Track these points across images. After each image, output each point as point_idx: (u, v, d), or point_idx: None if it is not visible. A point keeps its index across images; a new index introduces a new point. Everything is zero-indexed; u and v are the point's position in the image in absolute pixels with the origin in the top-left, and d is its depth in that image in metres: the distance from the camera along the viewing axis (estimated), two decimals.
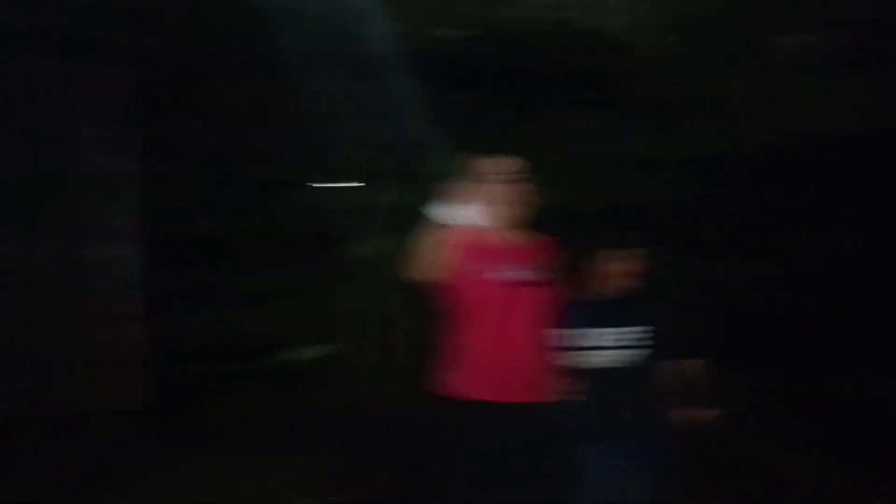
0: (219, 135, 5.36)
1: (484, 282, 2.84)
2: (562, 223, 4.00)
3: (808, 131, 2.67)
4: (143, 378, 4.55)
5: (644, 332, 2.96)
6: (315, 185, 5.15)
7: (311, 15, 4.24)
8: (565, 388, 3.02)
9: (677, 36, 3.08)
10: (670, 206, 5.00)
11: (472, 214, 2.96)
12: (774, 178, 5.40)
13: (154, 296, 4.74)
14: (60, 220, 4.58)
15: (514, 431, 2.89)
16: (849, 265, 5.85)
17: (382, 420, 4.50)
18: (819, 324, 5.81)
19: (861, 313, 5.82)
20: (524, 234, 2.95)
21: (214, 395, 5.34)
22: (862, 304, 5.85)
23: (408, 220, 4.26)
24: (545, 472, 3.02)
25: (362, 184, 4.88)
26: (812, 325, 5.79)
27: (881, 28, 3.67)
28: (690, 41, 3.39)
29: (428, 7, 3.75)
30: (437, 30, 3.73)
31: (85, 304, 4.57)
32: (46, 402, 4.50)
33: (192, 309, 5.32)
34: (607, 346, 2.97)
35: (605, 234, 3.03)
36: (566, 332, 2.99)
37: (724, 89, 3.22)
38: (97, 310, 4.54)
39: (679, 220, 5.25)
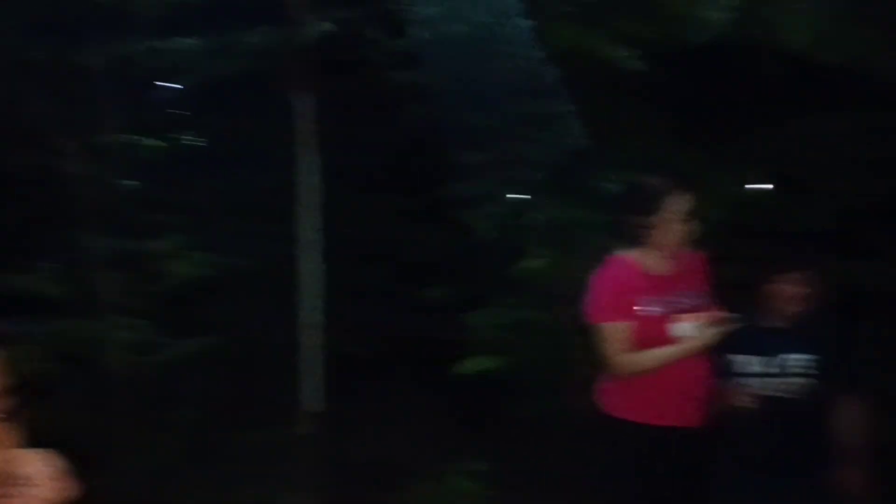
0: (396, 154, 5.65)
1: (647, 314, 2.85)
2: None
3: None
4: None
5: (813, 360, 2.85)
6: (496, 199, 5.31)
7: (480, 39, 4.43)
8: (729, 415, 2.98)
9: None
10: None
11: (641, 246, 2.95)
12: None
13: (336, 303, 5.09)
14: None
15: (674, 455, 2.89)
16: None
17: (551, 434, 4.57)
18: None
19: None
20: (685, 258, 2.94)
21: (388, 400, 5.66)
22: None
23: (579, 236, 4.37)
24: (702, 497, 3.00)
25: (528, 196, 4.97)
26: None
27: None
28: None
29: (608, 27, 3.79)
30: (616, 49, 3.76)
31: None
32: None
33: (371, 316, 5.64)
34: (773, 373, 2.88)
35: (781, 255, 2.95)
36: (732, 357, 2.94)
37: None
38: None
39: None
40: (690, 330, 2.78)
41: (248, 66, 4.68)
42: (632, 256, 2.93)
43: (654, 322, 2.82)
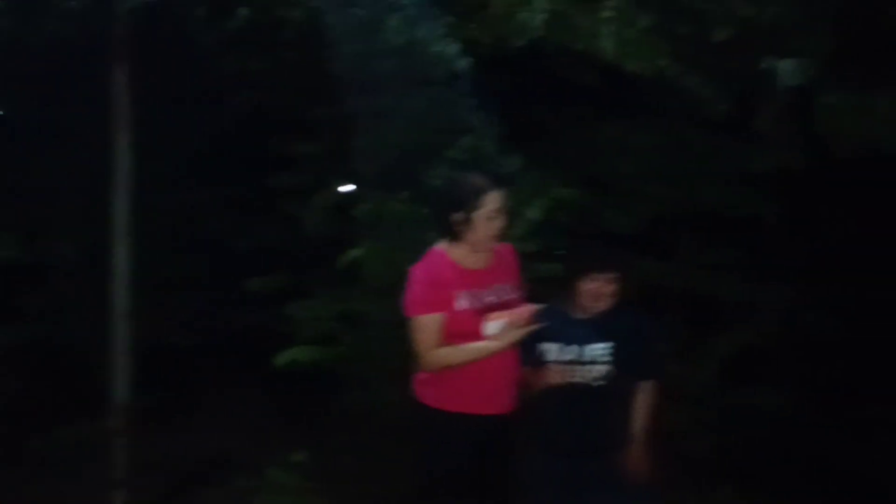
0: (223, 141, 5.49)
1: (460, 312, 2.93)
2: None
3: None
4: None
5: (616, 349, 3.05)
6: (330, 190, 5.27)
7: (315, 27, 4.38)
8: (536, 401, 3.13)
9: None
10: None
11: (456, 241, 3.01)
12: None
13: (155, 293, 4.88)
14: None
15: (485, 443, 3.00)
16: None
17: (374, 425, 4.61)
18: None
19: None
20: (498, 253, 3.03)
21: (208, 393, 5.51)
22: None
23: (404, 229, 4.42)
24: (512, 482, 3.13)
25: (356, 188, 4.97)
26: None
27: None
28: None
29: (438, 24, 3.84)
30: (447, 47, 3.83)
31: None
32: None
33: (191, 307, 5.47)
34: (577, 361, 3.06)
35: (590, 254, 3.12)
36: (541, 345, 3.09)
37: None
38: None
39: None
40: (499, 328, 2.90)
41: (60, 31, 4.35)
42: (447, 250, 3.01)
43: (466, 316, 2.91)
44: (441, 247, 3.03)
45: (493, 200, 2.90)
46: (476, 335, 2.92)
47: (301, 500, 4.50)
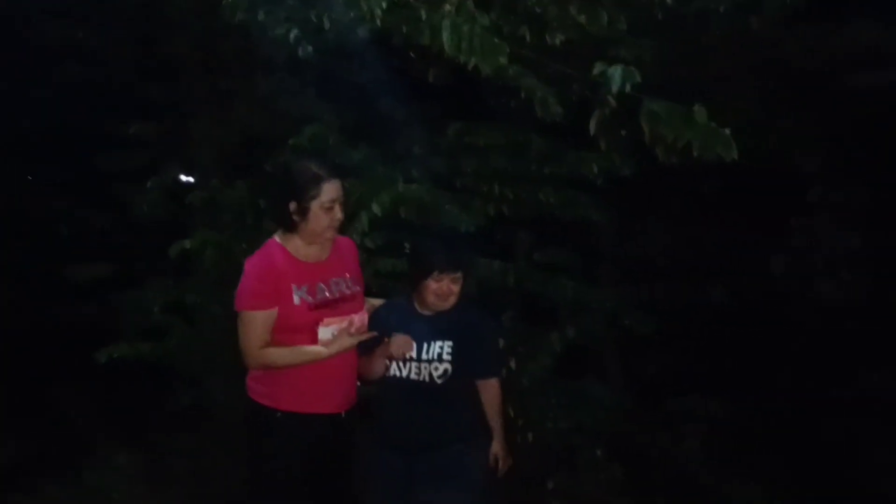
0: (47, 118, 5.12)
1: (297, 307, 2.86)
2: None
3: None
4: None
5: (457, 347, 3.09)
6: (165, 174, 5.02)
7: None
8: (374, 398, 3.13)
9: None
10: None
11: (293, 232, 2.94)
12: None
13: None
14: None
15: (320, 442, 2.95)
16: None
17: (207, 424, 4.45)
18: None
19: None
20: (337, 246, 3.00)
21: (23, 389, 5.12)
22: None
23: (243, 219, 4.29)
24: (348, 483, 3.11)
25: (193, 175, 4.79)
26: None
27: None
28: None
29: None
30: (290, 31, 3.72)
31: None
32: None
33: (8, 297, 5.07)
34: (418, 358, 3.08)
35: (441, 253, 3.12)
36: (379, 341, 3.09)
37: None
38: None
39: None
40: (331, 335, 2.86)
41: None
42: (284, 242, 2.92)
43: (302, 311, 2.85)
44: (277, 238, 2.94)
45: (329, 190, 2.83)
46: (311, 331, 2.85)
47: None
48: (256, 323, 2.81)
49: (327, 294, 2.90)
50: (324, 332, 2.84)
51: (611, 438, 4.89)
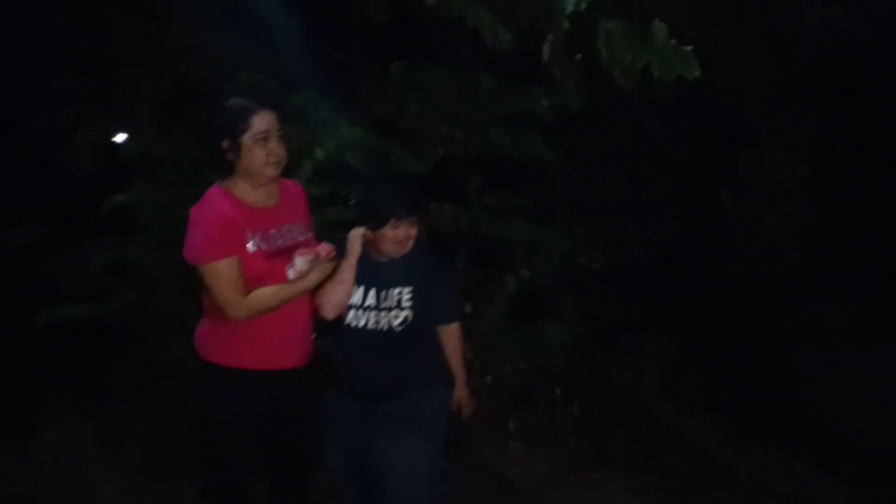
0: None
1: (252, 255, 2.70)
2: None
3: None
4: None
5: (415, 293, 3.01)
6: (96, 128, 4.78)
7: None
8: (333, 347, 3.04)
9: None
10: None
11: (235, 176, 2.77)
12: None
13: None
14: None
15: (280, 399, 2.85)
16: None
17: (157, 386, 4.33)
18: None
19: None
20: (275, 186, 2.83)
21: None
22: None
23: (182, 171, 4.12)
24: (312, 434, 3.02)
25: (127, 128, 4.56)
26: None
27: None
28: None
29: None
30: None
31: None
32: None
33: None
34: (377, 306, 3.00)
35: (398, 199, 3.01)
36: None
37: None
38: None
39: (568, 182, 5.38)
40: (306, 264, 2.73)
41: None
42: (228, 188, 2.76)
43: (257, 259, 2.69)
44: (220, 185, 2.77)
45: (260, 121, 2.66)
46: (269, 280, 2.70)
47: (74, 470, 4.14)
48: (223, 271, 2.65)
49: (280, 241, 2.75)
50: (300, 263, 2.73)
51: (568, 378, 4.91)
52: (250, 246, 2.67)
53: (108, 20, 4.57)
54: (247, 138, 2.66)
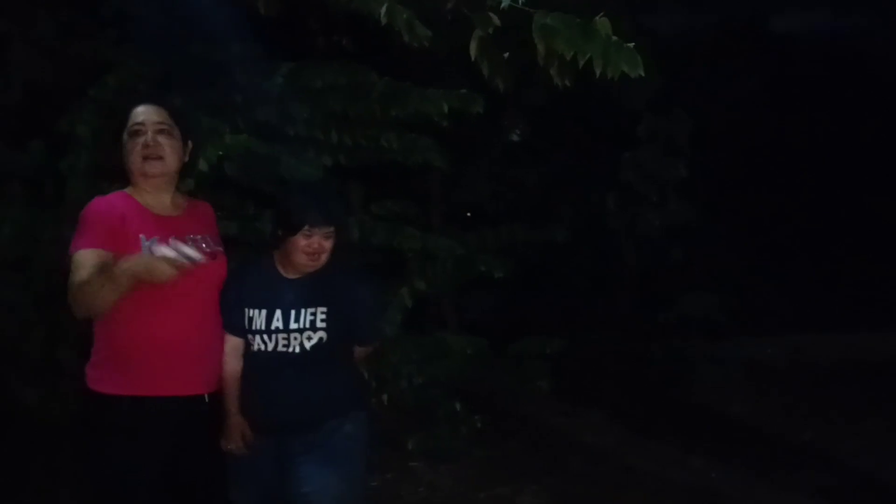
0: None
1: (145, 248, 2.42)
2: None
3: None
4: None
5: (330, 313, 2.76)
6: None
7: None
8: (239, 376, 2.75)
9: None
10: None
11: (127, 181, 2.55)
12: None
13: None
14: None
15: (186, 431, 2.55)
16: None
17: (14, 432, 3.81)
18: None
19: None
20: (179, 199, 2.65)
21: None
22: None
23: (51, 187, 3.65)
24: (219, 468, 2.72)
25: None
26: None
27: None
28: None
29: None
30: None
31: None
32: None
33: None
34: (285, 328, 2.73)
35: (310, 206, 2.76)
36: (244, 312, 2.71)
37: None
38: None
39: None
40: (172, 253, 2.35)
41: None
42: (130, 193, 2.55)
43: None
44: (126, 190, 2.56)
45: (135, 114, 2.50)
46: (163, 288, 2.37)
47: None
48: (78, 263, 2.37)
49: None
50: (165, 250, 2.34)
51: (466, 389, 4.78)
52: (144, 250, 2.40)
53: None
54: (124, 135, 2.51)
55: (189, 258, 2.31)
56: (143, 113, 2.50)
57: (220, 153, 3.74)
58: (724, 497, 4.36)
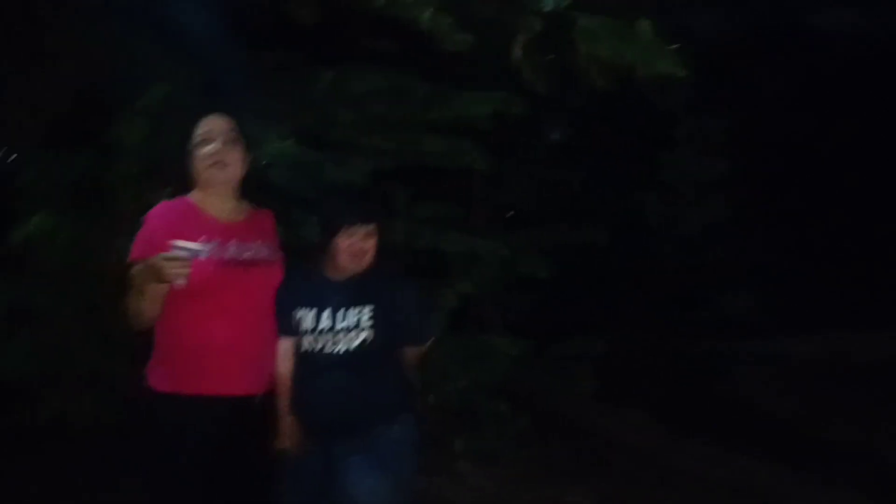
0: None
1: (205, 262, 2.50)
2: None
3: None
4: None
5: (377, 312, 2.79)
6: None
7: None
8: (291, 377, 2.81)
9: None
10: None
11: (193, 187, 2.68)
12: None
13: None
14: None
15: (236, 431, 2.60)
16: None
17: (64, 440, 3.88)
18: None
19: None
20: (242, 206, 2.72)
21: None
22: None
23: (102, 196, 3.71)
24: (265, 467, 2.78)
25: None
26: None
27: None
28: None
29: None
30: None
31: None
32: None
33: None
34: (333, 328, 2.77)
35: (350, 206, 2.83)
36: (294, 314, 2.76)
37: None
38: None
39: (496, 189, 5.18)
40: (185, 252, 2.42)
41: None
42: (190, 197, 2.67)
43: (212, 265, 2.53)
44: (189, 196, 2.70)
45: (203, 125, 2.65)
46: (225, 289, 2.54)
47: None
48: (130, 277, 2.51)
49: (238, 253, 2.61)
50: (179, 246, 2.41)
51: (511, 391, 4.77)
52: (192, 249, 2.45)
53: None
54: (194, 147, 2.63)
55: (190, 251, 2.37)
56: (211, 122, 2.63)
57: (266, 161, 3.78)
58: (769, 496, 4.35)
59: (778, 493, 4.35)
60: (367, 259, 2.78)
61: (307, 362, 2.77)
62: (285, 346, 2.77)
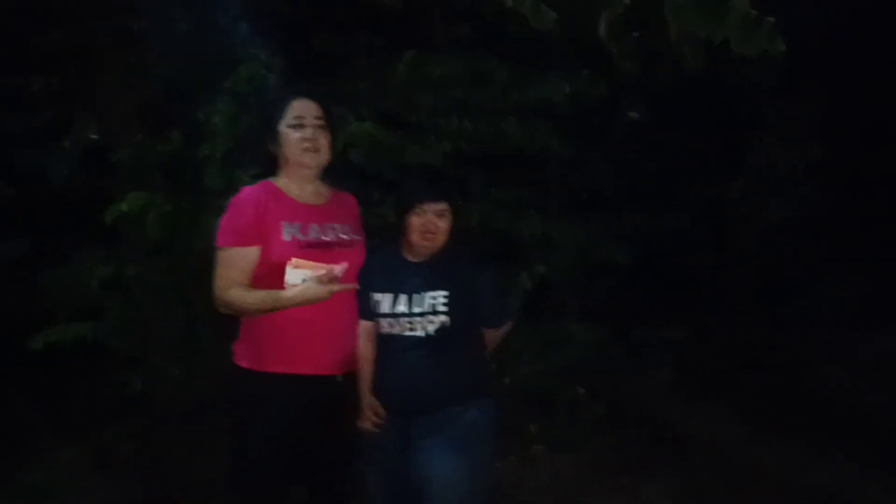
0: None
1: (287, 244, 2.55)
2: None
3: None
4: None
5: (451, 297, 2.79)
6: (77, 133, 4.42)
7: None
8: (372, 359, 2.84)
9: None
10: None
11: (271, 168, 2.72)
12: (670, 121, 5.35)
13: None
14: None
15: (320, 409, 2.64)
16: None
17: (155, 407, 4.03)
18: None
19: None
20: (324, 188, 2.76)
21: None
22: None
23: (188, 176, 3.83)
24: (346, 445, 2.82)
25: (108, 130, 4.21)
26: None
27: None
28: None
29: None
30: None
31: None
32: None
33: None
34: (410, 312, 2.78)
35: (421, 183, 2.85)
36: (371, 295, 2.79)
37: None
38: None
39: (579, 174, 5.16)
40: (299, 279, 2.52)
41: None
42: (275, 181, 2.71)
43: (289, 249, 2.58)
44: (271, 180, 2.74)
45: (295, 108, 2.67)
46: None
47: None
48: (231, 262, 2.58)
49: (322, 237, 2.66)
50: (291, 275, 2.52)
51: (588, 377, 4.72)
52: (286, 234, 2.59)
53: (85, 14, 4.22)
54: (282, 126, 2.65)
55: (327, 269, 2.50)
56: (303, 107, 2.66)
57: (346, 142, 3.83)
58: (859, 499, 4.13)
59: (869, 497, 4.13)
60: (440, 239, 2.78)
61: (386, 344, 2.81)
62: (366, 327, 2.81)
